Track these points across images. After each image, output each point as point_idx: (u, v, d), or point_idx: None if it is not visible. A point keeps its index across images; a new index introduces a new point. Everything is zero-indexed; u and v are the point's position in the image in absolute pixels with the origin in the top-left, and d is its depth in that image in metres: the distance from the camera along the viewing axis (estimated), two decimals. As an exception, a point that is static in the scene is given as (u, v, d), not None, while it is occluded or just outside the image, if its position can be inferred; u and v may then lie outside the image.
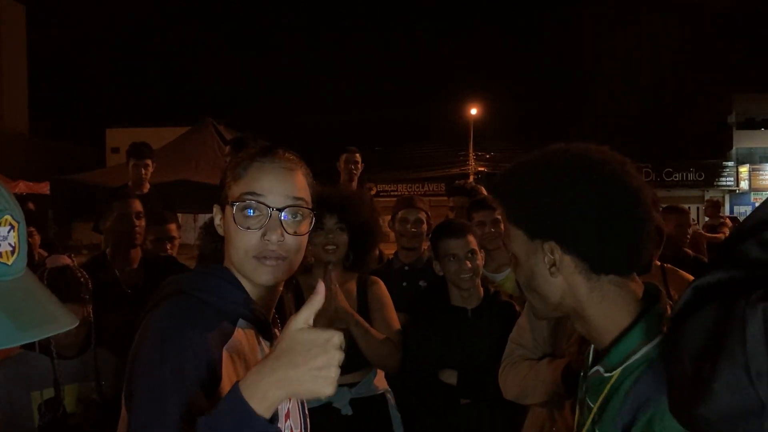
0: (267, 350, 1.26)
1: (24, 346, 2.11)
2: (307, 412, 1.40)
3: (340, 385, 2.48)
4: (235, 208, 1.23)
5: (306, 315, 1.02)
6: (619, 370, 1.12)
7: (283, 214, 1.23)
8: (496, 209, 3.55)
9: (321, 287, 1.06)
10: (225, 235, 1.29)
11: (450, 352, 2.60)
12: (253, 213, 1.22)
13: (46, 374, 2.11)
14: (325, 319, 2.51)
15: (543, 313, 1.23)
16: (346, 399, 2.49)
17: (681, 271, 2.88)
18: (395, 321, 2.63)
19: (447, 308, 2.69)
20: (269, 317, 1.32)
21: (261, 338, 1.27)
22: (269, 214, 1.22)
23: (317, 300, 1.04)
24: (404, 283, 3.40)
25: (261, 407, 0.97)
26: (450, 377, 2.57)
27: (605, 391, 1.13)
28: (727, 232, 7.50)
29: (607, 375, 1.14)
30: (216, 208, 1.32)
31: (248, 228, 1.22)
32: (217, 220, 1.31)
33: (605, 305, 1.14)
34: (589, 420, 1.18)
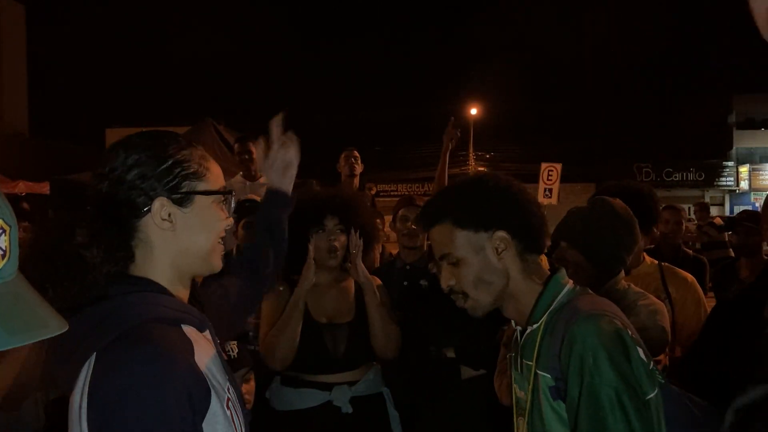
0: (209, 339, 1.30)
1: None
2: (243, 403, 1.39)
3: (340, 384, 2.53)
4: (218, 199, 1.31)
5: None
6: (544, 317, 1.45)
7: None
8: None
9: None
10: (187, 229, 1.26)
11: (447, 336, 2.62)
12: (230, 204, 1.35)
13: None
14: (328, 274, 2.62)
15: (486, 305, 1.52)
16: (347, 397, 2.51)
17: (679, 269, 2.88)
18: (393, 317, 2.67)
19: (442, 294, 2.71)
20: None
21: (200, 332, 1.28)
22: (231, 202, 1.36)
23: None
24: (405, 282, 3.42)
25: None
26: (449, 352, 2.62)
27: (538, 338, 1.44)
28: (712, 233, 7.77)
29: (536, 326, 1.46)
30: (163, 201, 1.24)
31: (228, 217, 1.33)
32: (165, 215, 1.24)
33: (529, 280, 1.50)
34: (532, 374, 1.43)
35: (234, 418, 1.22)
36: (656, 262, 2.84)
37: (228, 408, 1.21)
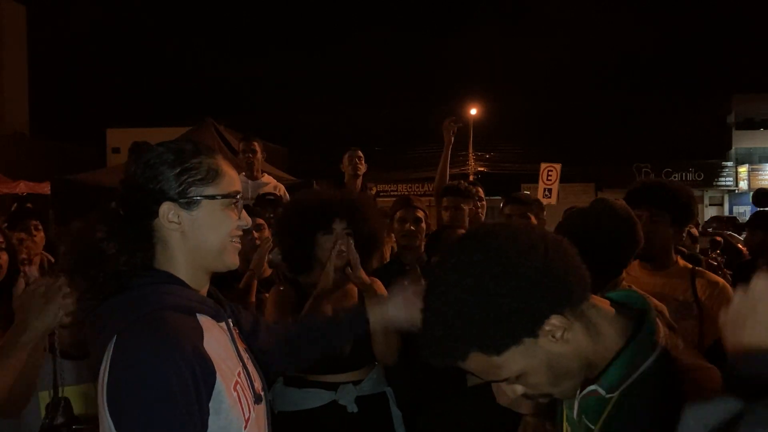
0: (224, 330, 1.42)
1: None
2: (255, 386, 1.46)
3: (345, 383, 2.51)
4: (227, 202, 1.42)
5: None
6: (619, 391, 1.15)
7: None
8: (527, 204, 3.89)
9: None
10: (195, 230, 1.38)
11: None
12: (240, 206, 1.46)
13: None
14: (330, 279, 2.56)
15: (576, 386, 1.20)
16: (352, 396, 2.51)
17: (710, 273, 2.83)
18: None
19: None
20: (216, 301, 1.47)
21: (216, 322, 1.41)
22: (241, 205, 1.46)
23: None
24: (405, 282, 3.42)
25: None
26: None
27: (606, 411, 1.17)
28: (695, 231, 8.04)
29: (607, 396, 1.17)
30: (170, 205, 1.37)
31: (238, 218, 1.44)
32: (173, 217, 1.37)
33: (597, 337, 1.16)
34: None
35: (241, 399, 1.35)
36: (690, 265, 2.77)
37: (235, 390, 1.34)
